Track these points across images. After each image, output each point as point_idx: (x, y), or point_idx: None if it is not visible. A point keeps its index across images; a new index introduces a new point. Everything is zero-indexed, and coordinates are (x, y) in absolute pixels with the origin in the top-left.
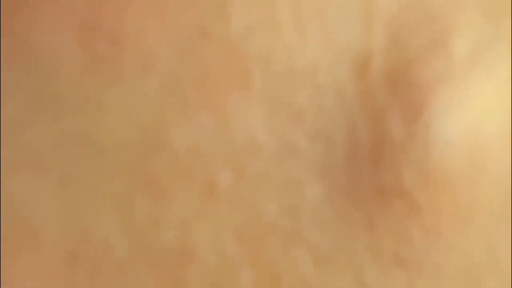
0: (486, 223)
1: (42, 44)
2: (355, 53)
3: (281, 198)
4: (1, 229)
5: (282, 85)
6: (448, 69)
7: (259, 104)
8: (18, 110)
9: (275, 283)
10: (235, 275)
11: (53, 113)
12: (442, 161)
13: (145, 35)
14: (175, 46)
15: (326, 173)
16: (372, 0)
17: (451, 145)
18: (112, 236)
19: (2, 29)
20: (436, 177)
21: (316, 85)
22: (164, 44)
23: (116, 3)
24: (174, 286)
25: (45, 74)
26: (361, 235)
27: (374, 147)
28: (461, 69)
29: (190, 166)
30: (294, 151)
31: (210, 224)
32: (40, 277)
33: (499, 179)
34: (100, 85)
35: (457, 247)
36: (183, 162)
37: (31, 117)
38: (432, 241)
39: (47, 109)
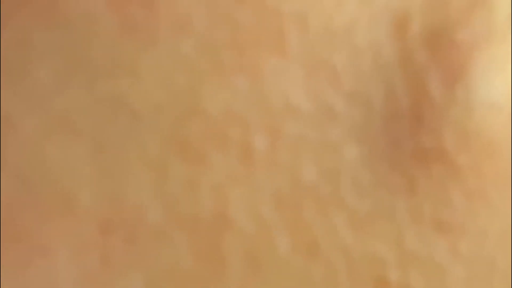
0: None
1: (74, 7)
2: (393, 13)
3: (318, 162)
4: (36, 194)
5: (319, 46)
6: (488, 30)
7: (295, 66)
8: (51, 74)
9: (314, 249)
10: (272, 240)
11: (87, 77)
12: (483, 123)
13: None
14: (209, 8)
15: (364, 136)
16: None
17: (492, 107)
18: (147, 202)
19: None
20: (477, 140)
21: (354, 46)
22: (198, 7)
23: None
24: (211, 252)
25: (78, 38)
26: (401, 199)
27: (413, 110)
28: (502, 30)
29: (225, 130)
30: (331, 114)
31: (246, 189)
32: (74, 244)
33: None
34: (133, 49)
35: (499, 210)
36: (219, 126)
37: (64, 81)
38: (473, 205)
39: (80, 73)
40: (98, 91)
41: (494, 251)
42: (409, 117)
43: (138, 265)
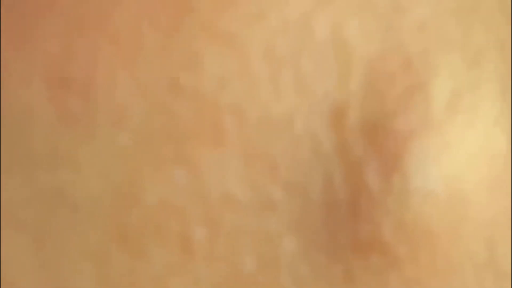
0: (470, 275)
1: (14, 98)
2: (331, 103)
3: (258, 253)
4: None
5: (257, 137)
6: (426, 117)
7: (233, 157)
8: None
9: None
10: None
11: (27, 169)
12: (421, 212)
13: (115, 89)
14: (147, 100)
15: (302, 226)
16: (348, 49)
17: (430, 196)
18: None
19: None
20: (415, 229)
21: (292, 137)
22: (136, 98)
23: (86, 57)
24: None
25: (18, 129)
26: None
27: (351, 200)
28: (440, 117)
29: (164, 222)
30: (270, 204)
31: (186, 280)
32: None
33: (483, 229)
34: (72, 141)
35: None
36: (157, 217)
37: (4, 172)
38: None
39: (20, 165)
40: (38, 182)
41: None
42: (347, 207)
43: None
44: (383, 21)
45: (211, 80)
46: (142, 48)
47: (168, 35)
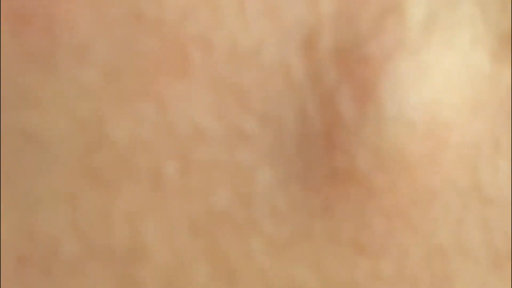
0: (453, 201)
1: None
2: (302, 30)
3: (232, 186)
4: None
5: (225, 68)
6: (402, 40)
7: (201, 89)
8: None
9: (231, 277)
10: (190, 269)
11: None
12: (399, 140)
13: (78, 24)
14: (110, 35)
15: (277, 158)
16: None
17: (407, 123)
18: (61, 234)
19: None
20: (393, 159)
21: (262, 66)
22: (99, 33)
23: None
24: (127, 283)
25: None
26: (318, 222)
27: (326, 130)
28: (416, 39)
29: (134, 158)
30: (242, 136)
31: (160, 217)
32: None
33: (466, 155)
34: (35, 79)
35: (420, 229)
36: (126, 153)
37: None
38: (393, 225)
39: None
40: (3, 123)
41: (417, 271)
42: (322, 138)
43: None
44: None
45: (175, 11)
46: None
47: None
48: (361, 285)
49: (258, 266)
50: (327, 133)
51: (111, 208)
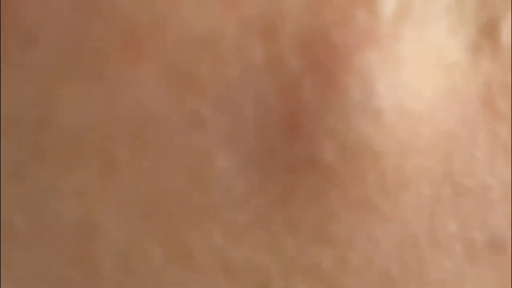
0: (426, 191)
1: None
2: (263, 15)
3: (188, 170)
4: None
5: (180, 54)
6: (371, 31)
7: (154, 75)
8: None
9: (188, 259)
10: (144, 250)
11: None
12: (365, 130)
13: (26, 11)
14: (61, 17)
15: (235, 144)
16: None
17: (374, 112)
18: (9, 210)
19: None
20: (359, 149)
21: (219, 53)
22: (48, 18)
23: None
24: (79, 259)
25: None
26: (277, 209)
27: (288, 117)
28: (388, 30)
29: (82, 140)
30: (198, 121)
31: (111, 197)
32: None
33: (438, 144)
34: None
35: (391, 219)
36: (74, 135)
37: None
38: (360, 215)
39: None
40: None
41: (387, 261)
42: (283, 125)
43: (7, 274)
44: None
45: None
46: None
47: None
48: (327, 272)
49: (216, 249)
50: (288, 120)
51: (60, 187)
